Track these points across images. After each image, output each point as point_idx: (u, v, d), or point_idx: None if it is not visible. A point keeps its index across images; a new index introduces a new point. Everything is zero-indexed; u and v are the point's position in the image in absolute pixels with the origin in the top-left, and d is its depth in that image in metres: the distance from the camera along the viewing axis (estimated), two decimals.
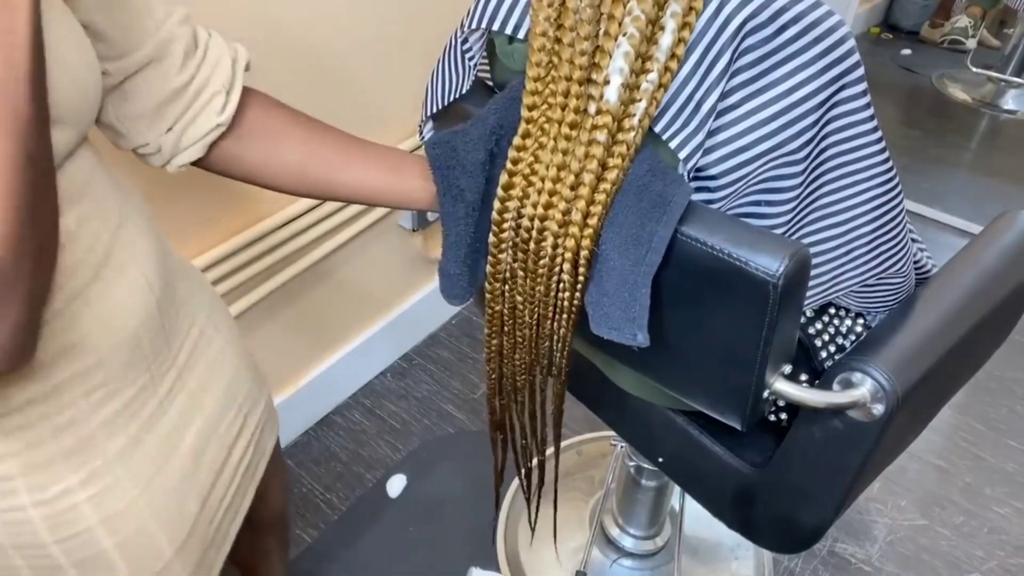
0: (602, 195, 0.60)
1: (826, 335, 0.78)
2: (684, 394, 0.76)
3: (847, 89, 0.60)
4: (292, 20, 1.18)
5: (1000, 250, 0.80)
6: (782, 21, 0.57)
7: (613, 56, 0.57)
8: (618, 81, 0.57)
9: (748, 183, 0.63)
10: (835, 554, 1.43)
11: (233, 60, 0.64)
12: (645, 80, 0.58)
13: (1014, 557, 1.43)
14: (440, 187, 0.66)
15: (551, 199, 0.62)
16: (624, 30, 0.57)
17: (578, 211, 0.61)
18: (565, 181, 0.61)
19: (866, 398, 0.65)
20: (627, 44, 0.57)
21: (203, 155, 0.65)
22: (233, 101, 0.63)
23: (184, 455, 0.65)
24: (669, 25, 0.57)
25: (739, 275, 0.58)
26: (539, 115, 0.61)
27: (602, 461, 1.58)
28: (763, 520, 0.84)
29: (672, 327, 0.70)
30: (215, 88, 0.62)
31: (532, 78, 0.60)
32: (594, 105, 0.59)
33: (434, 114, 0.81)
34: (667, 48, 0.57)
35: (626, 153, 0.59)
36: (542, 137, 0.62)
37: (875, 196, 0.65)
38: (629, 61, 0.57)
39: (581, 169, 0.60)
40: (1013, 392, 1.78)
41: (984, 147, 2.88)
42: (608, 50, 0.57)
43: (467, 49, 0.74)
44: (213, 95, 0.62)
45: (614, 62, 0.57)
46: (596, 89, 0.58)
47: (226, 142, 0.65)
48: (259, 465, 0.80)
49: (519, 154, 0.63)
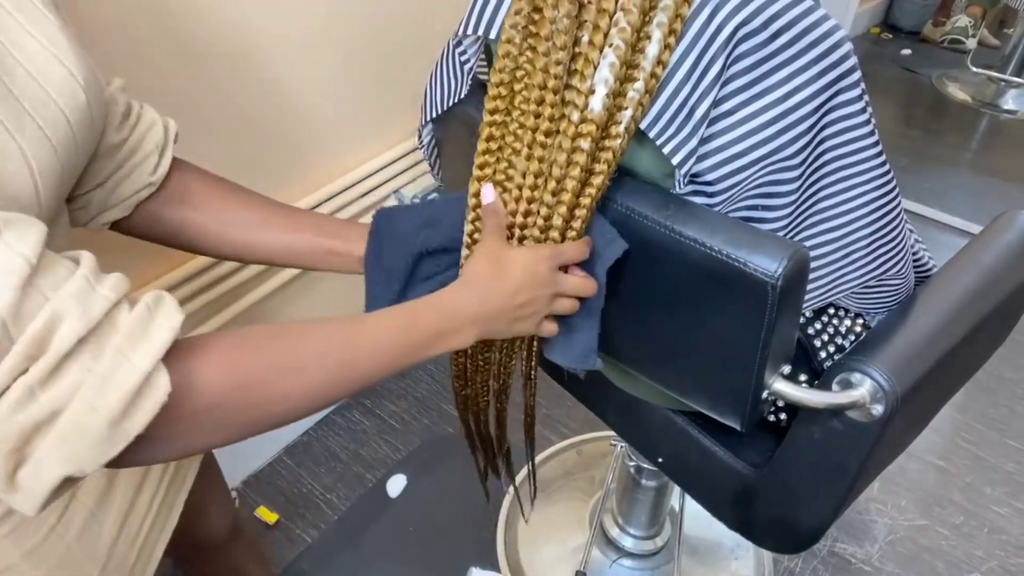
0: (587, 199, 0.62)
1: (825, 335, 0.78)
2: (683, 395, 0.76)
3: (843, 94, 0.60)
4: (292, 23, 1.18)
5: (1000, 250, 0.80)
6: (775, 27, 0.57)
7: (598, 66, 0.58)
8: (603, 91, 0.58)
9: (745, 188, 0.63)
10: (835, 554, 1.43)
11: (165, 127, 0.66)
12: (632, 89, 0.58)
13: (1014, 557, 1.43)
14: (370, 252, 0.69)
15: (530, 206, 0.63)
16: (610, 41, 0.57)
17: (560, 216, 0.62)
18: (546, 188, 0.62)
19: (865, 398, 0.65)
20: (613, 55, 0.57)
21: (127, 214, 0.65)
22: (165, 163, 0.65)
23: (95, 478, 0.65)
24: (655, 35, 0.57)
25: (738, 276, 0.58)
26: (503, 120, 0.62)
27: (602, 461, 1.58)
28: (763, 520, 0.84)
29: (672, 328, 0.70)
30: (148, 149, 0.64)
31: (495, 83, 0.61)
32: (576, 113, 0.59)
33: (433, 118, 0.81)
34: (653, 57, 0.57)
35: (612, 160, 0.60)
36: (515, 143, 0.63)
37: (872, 199, 0.65)
38: (615, 71, 0.57)
39: (563, 176, 0.61)
40: (1013, 392, 1.78)
41: (984, 147, 2.88)
42: (592, 60, 0.58)
43: (462, 53, 0.74)
44: (146, 156, 0.64)
45: (599, 72, 0.58)
46: (579, 98, 0.59)
47: (151, 203, 0.66)
48: (186, 477, 0.80)
49: (484, 158, 0.64)
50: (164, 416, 0.41)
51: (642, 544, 1.36)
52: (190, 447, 0.45)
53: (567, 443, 1.62)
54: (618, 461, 1.34)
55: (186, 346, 0.44)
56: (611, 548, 1.38)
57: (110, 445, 0.39)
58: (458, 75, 0.75)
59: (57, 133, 0.48)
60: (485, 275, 0.59)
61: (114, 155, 0.62)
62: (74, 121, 0.50)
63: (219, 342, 0.46)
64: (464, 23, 0.69)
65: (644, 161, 0.65)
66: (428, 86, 0.81)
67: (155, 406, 0.40)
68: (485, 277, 0.59)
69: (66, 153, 0.49)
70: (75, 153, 0.50)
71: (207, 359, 0.44)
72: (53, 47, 0.49)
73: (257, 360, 0.47)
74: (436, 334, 0.56)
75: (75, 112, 0.50)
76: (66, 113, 0.49)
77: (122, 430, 0.40)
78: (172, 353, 0.42)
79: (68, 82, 0.49)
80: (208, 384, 0.44)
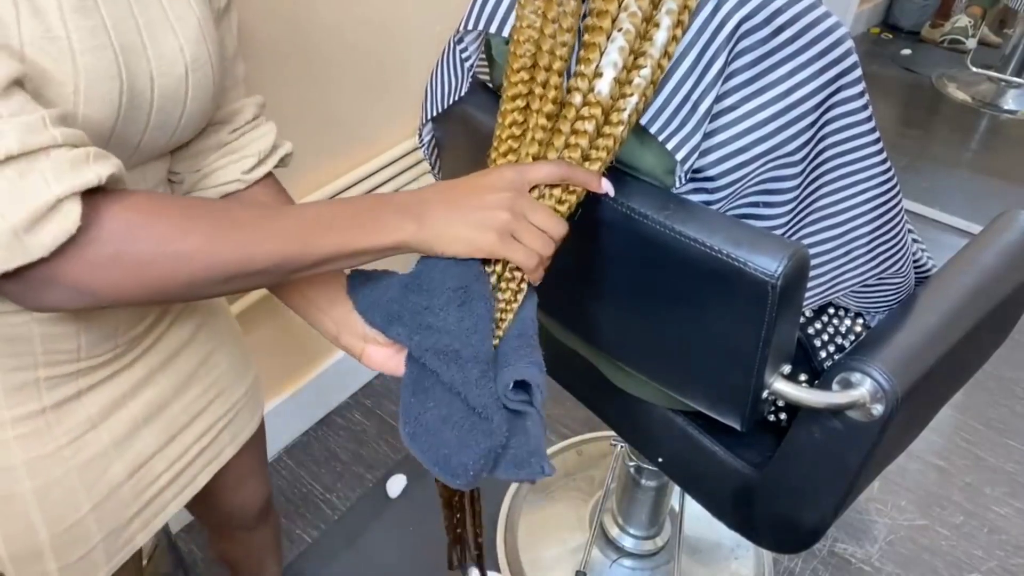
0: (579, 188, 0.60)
1: (825, 335, 0.78)
2: (683, 394, 0.76)
3: (844, 90, 0.60)
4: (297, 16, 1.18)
5: (1000, 250, 0.80)
6: (779, 23, 0.57)
7: (607, 50, 0.57)
8: (611, 74, 0.57)
9: (746, 184, 0.63)
10: (835, 554, 1.43)
11: (276, 143, 0.69)
12: (637, 75, 0.57)
13: (1014, 557, 1.43)
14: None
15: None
16: (620, 25, 0.57)
17: (552, 197, 0.59)
18: None
19: (865, 398, 0.65)
20: (623, 39, 0.56)
21: None
22: (261, 169, 0.68)
23: (123, 421, 0.67)
24: (664, 22, 0.57)
25: (738, 275, 0.58)
26: (525, 104, 0.60)
27: (602, 461, 1.58)
28: (763, 520, 0.84)
29: (672, 327, 0.70)
30: (250, 151, 0.67)
31: (515, 69, 0.60)
32: (579, 96, 0.58)
33: (433, 117, 0.81)
34: (661, 44, 0.57)
35: (612, 147, 0.58)
36: (524, 125, 0.61)
37: (873, 197, 0.65)
38: (623, 56, 0.57)
39: (560, 160, 0.59)
40: (1013, 392, 1.78)
41: (984, 147, 2.88)
42: (597, 43, 0.57)
43: (463, 50, 0.74)
44: (245, 156, 0.67)
45: (608, 55, 0.57)
46: (583, 81, 0.58)
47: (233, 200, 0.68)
48: (224, 451, 0.81)
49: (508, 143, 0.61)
50: (74, 251, 0.44)
51: (642, 544, 1.36)
52: (95, 292, 0.47)
53: (567, 443, 1.62)
54: (618, 461, 1.34)
55: (112, 194, 0.47)
56: (611, 548, 1.38)
57: (8, 253, 0.42)
58: (458, 73, 0.75)
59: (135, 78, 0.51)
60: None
61: (220, 150, 0.66)
62: (160, 85, 0.53)
63: (139, 196, 0.48)
64: (466, 19, 0.69)
65: (645, 157, 0.65)
66: (428, 85, 0.81)
67: (62, 232, 0.43)
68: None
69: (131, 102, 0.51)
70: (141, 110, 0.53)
71: (124, 203, 0.47)
72: (178, 23, 0.55)
73: (174, 209, 0.49)
74: (368, 208, 0.54)
75: (164, 77, 0.53)
76: (154, 72, 0.53)
77: (23, 244, 0.42)
78: (94, 197, 0.45)
79: (176, 53, 0.54)
80: (115, 224, 0.46)
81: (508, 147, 0.61)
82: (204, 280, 0.49)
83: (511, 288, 0.58)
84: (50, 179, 0.43)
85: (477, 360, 0.54)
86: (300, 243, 0.51)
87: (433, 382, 0.56)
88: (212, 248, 0.49)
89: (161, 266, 0.47)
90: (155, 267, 0.47)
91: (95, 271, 0.46)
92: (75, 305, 0.48)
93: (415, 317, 0.57)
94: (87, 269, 0.45)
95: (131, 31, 0.51)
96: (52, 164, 0.43)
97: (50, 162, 0.43)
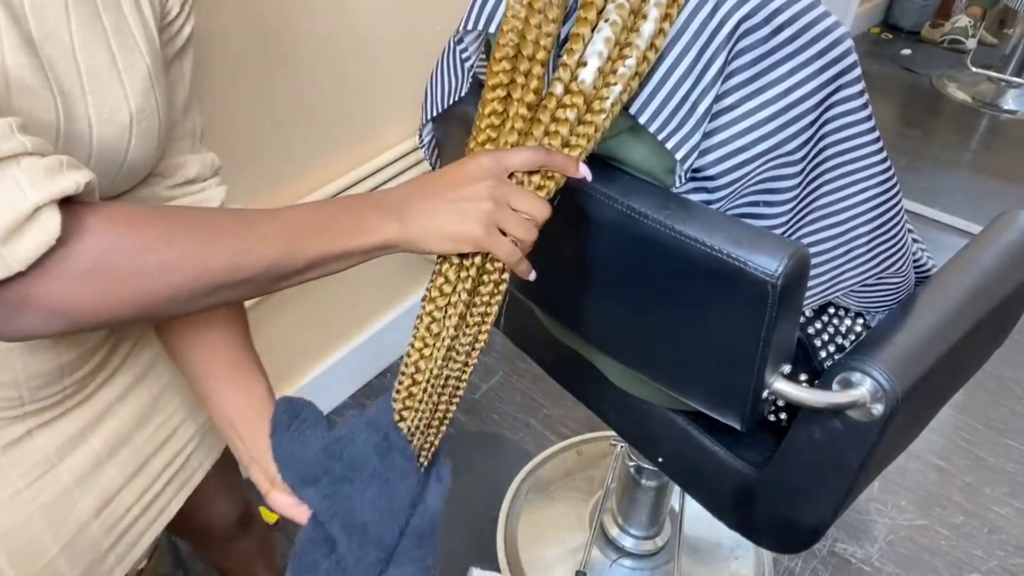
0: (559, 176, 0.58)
1: (825, 335, 0.78)
2: (684, 394, 0.76)
3: (844, 90, 0.60)
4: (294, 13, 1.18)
5: (1000, 250, 0.80)
6: (778, 22, 0.57)
7: (592, 40, 0.57)
8: (596, 64, 0.56)
9: (746, 184, 0.63)
10: (835, 554, 1.43)
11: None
12: (622, 65, 0.57)
13: (1014, 557, 1.43)
14: None
15: None
16: (607, 16, 0.56)
17: (531, 183, 0.58)
18: None
19: (866, 398, 0.65)
20: (609, 30, 0.56)
21: None
22: None
23: (84, 456, 0.65)
24: (652, 14, 0.56)
25: (738, 275, 0.58)
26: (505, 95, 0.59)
27: (602, 461, 1.58)
28: (763, 520, 0.84)
29: (672, 327, 0.70)
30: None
31: (498, 58, 0.59)
32: (560, 86, 0.57)
33: (433, 117, 0.81)
34: (648, 36, 0.56)
35: (592, 135, 0.58)
36: (504, 115, 0.60)
37: (873, 196, 0.65)
38: (609, 46, 0.56)
39: (538, 145, 0.58)
40: (1013, 392, 1.77)
41: (984, 147, 2.88)
42: (582, 34, 0.57)
43: (463, 50, 0.74)
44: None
45: (593, 45, 0.56)
46: (566, 71, 0.57)
47: None
48: (194, 475, 0.79)
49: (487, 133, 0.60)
50: (53, 265, 0.41)
51: (642, 544, 1.36)
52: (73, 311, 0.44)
53: (567, 443, 1.62)
54: (618, 461, 1.34)
55: (88, 205, 0.44)
56: (611, 548, 1.38)
57: None
58: (458, 73, 0.75)
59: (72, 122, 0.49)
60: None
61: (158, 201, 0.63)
62: (99, 132, 0.51)
63: (116, 206, 0.46)
64: (465, 19, 0.69)
65: (644, 157, 0.65)
66: (428, 85, 0.81)
67: (41, 244, 0.40)
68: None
69: (67, 147, 0.49)
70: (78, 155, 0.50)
71: (102, 213, 0.44)
72: (126, 72, 0.52)
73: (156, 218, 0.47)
74: (348, 209, 0.53)
75: (104, 125, 0.51)
76: (92, 119, 0.50)
77: (0, 256, 0.39)
78: (72, 206, 0.42)
79: (119, 101, 0.51)
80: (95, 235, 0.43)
81: (487, 136, 0.59)
82: (190, 292, 0.47)
83: (492, 280, 0.58)
84: (25, 186, 0.40)
85: (380, 545, 0.57)
86: (286, 246, 0.50)
87: (330, 550, 0.58)
88: (199, 256, 0.46)
89: (146, 278, 0.45)
90: (139, 279, 0.45)
91: (75, 286, 0.43)
92: (48, 331, 0.44)
93: (334, 484, 0.58)
94: (67, 284, 0.42)
95: (71, 74, 0.48)
96: (25, 171, 0.40)
97: (22, 170, 0.40)
